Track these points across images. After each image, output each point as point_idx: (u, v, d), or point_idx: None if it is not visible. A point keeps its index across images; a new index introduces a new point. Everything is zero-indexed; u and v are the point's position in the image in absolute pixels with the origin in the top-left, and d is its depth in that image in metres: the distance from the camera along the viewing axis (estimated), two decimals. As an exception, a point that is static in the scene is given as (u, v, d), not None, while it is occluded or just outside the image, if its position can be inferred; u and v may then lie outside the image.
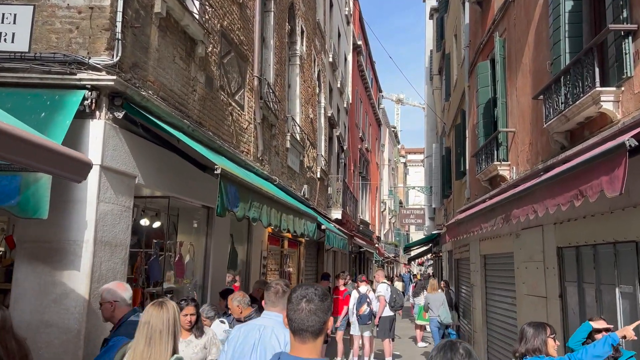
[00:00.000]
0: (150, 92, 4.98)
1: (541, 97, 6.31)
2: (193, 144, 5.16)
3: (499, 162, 8.25)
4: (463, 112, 12.38)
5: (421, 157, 45.17)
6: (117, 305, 3.49)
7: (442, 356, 1.85)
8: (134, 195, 5.27)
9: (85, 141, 4.25)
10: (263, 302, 3.51)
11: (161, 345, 2.82)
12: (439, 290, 12.42)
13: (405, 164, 59.32)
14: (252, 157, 8.30)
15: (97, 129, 4.29)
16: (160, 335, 2.82)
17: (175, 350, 2.90)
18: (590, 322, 4.10)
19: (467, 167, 11.55)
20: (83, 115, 4.26)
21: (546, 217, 6.34)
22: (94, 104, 4.26)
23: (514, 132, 7.98)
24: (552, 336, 3.59)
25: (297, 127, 11.65)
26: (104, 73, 4.28)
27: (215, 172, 4.23)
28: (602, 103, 4.82)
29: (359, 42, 24.54)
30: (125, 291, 3.55)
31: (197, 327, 4.46)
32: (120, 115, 4.42)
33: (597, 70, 4.89)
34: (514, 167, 7.89)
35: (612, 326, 4.30)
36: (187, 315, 4.37)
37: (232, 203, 4.50)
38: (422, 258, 32.95)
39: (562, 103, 5.68)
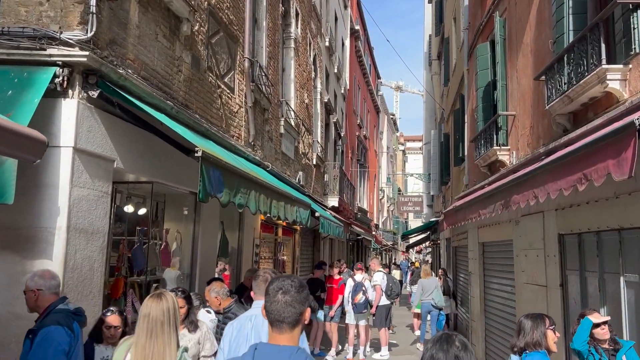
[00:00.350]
0: (130, 70, 4.70)
1: (543, 77, 6.03)
2: (175, 125, 4.89)
3: (498, 147, 7.99)
4: (462, 96, 12.09)
5: (420, 144, 44.90)
6: (40, 294, 3.25)
7: (438, 348, 1.85)
8: (113, 180, 5.03)
9: (57, 122, 3.98)
10: (252, 292, 3.52)
11: (163, 337, 2.78)
12: (433, 275, 12.71)
13: (404, 151, 59.03)
14: (244, 142, 8.03)
15: (69, 108, 4.02)
16: (161, 327, 2.78)
17: (177, 342, 2.87)
18: (590, 318, 3.88)
19: (466, 153, 11.29)
20: (54, 94, 3.99)
21: (547, 203, 6.10)
22: (65, 82, 3.98)
23: (514, 115, 7.71)
24: (551, 328, 3.36)
25: (292, 112, 11.36)
26: (76, 49, 4.00)
27: (195, 154, 3.97)
28: (608, 82, 4.55)
29: (357, 27, 24.13)
30: (50, 279, 3.33)
31: (190, 321, 4.13)
32: (94, 94, 4.14)
33: (603, 47, 4.60)
34: (514, 152, 7.63)
35: (609, 318, 4.09)
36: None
37: (215, 188, 4.24)
38: (421, 245, 32.79)
39: (565, 83, 5.41)
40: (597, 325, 3.84)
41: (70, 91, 4.04)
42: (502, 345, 8.48)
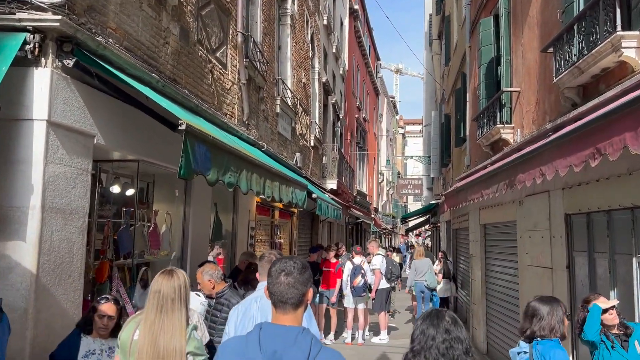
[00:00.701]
0: (111, 40, 4.38)
1: (551, 49, 5.71)
2: (161, 99, 4.59)
3: (502, 125, 7.69)
4: (463, 75, 11.74)
5: (420, 128, 44.51)
6: None
7: (428, 323, 1.86)
8: (97, 159, 4.75)
9: (29, 93, 3.68)
10: (257, 274, 3.55)
11: (174, 314, 2.76)
12: (426, 257, 13.00)
13: (403, 135, 58.60)
14: (237, 121, 7.72)
15: (42, 78, 3.72)
16: (172, 304, 2.77)
17: (187, 319, 2.85)
18: (597, 303, 3.61)
19: (468, 133, 10.98)
20: (26, 62, 3.68)
21: (553, 182, 5.83)
22: (37, 50, 3.67)
23: (518, 91, 7.40)
24: (566, 314, 3.10)
25: (288, 92, 11.02)
26: (49, 13, 3.68)
27: (179, 127, 3.67)
28: (623, 50, 4.24)
29: (356, 7, 23.61)
30: None
31: None
32: (70, 63, 3.83)
33: (618, 12, 4.29)
34: (518, 130, 7.34)
35: (618, 302, 3.84)
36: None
37: (201, 165, 3.96)
38: (420, 229, 32.60)
39: (574, 55, 5.10)
40: (605, 311, 3.57)
41: (43, 60, 3.74)
42: (504, 328, 8.27)
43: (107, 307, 3.52)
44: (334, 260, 10.26)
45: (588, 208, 5.11)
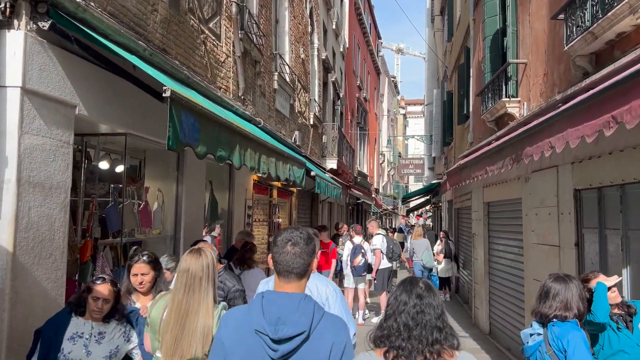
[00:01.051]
0: (93, 3, 4.08)
1: (561, 16, 5.40)
2: (148, 68, 4.31)
3: (507, 99, 7.40)
4: (467, 49, 11.39)
5: (421, 108, 44.06)
6: None
7: (402, 289, 1.88)
8: (83, 133, 4.51)
9: (1, 57, 3.41)
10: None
11: (201, 293, 2.75)
12: (425, 237, 13.39)
13: (405, 115, 58.08)
14: (232, 96, 7.43)
15: (15, 42, 3.44)
16: (200, 283, 2.76)
17: (215, 298, 2.83)
18: (603, 282, 3.34)
19: (471, 109, 10.67)
20: (-4, 24, 3.40)
21: (562, 156, 5.57)
22: (8, 10, 3.39)
23: (525, 63, 7.09)
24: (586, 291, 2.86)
25: (286, 67, 10.69)
26: (20, -30, 3.39)
27: (163, 94, 3.40)
28: (641, 11, 3.94)
29: (356, -18, 23.07)
30: None
31: (158, 291, 3.52)
32: (45, 25, 3.55)
33: (637, -30, 3.98)
34: (525, 103, 7.05)
35: (621, 278, 3.59)
36: (136, 275, 3.55)
37: (189, 136, 3.70)
38: (421, 209, 32.42)
39: (587, 20, 4.80)
40: (607, 289, 3.31)
41: (15, 21, 3.45)
42: (507, 308, 8.10)
43: (102, 289, 3.17)
44: (327, 241, 9.99)
45: (600, 182, 4.86)
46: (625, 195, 4.51)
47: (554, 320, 2.78)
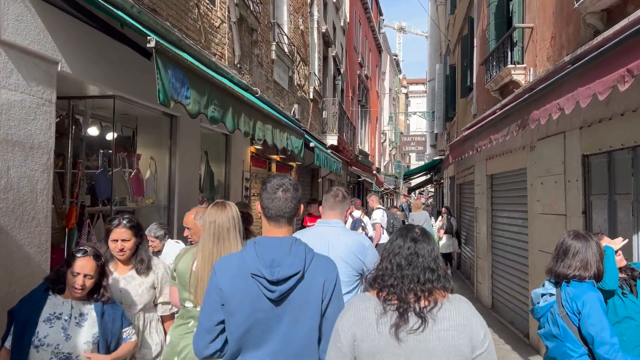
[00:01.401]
0: (74, -46, 3.84)
1: (571, -28, 5.12)
2: (134, 23, 4.07)
3: (512, 66, 7.15)
4: (470, 19, 11.08)
5: (423, 88, 43.60)
6: None
7: (398, 234, 1.91)
8: (65, 94, 4.29)
9: (-27, 5, 3.18)
10: (320, 208, 3.47)
11: (230, 241, 2.77)
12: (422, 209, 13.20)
13: (406, 95, 57.57)
14: (228, 63, 7.18)
15: (-12, -11, 3.21)
16: (228, 233, 2.78)
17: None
18: (610, 246, 3.12)
19: (474, 81, 10.41)
20: (-33, -31, 3.17)
21: (570, 121, 5.36)
22: (-20, -46, 3.15)
23: (532, 27, 6.82)
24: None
25: (285, 37, 10.40)
26: None
27: (148, 45, 3.18)
28: (660, -42, 3.69)
29: (357, -45, 22.54)
30: None
31: (139, 260, 3.25)
32: (21, -28, 3.31)
33: None
34: (531, 69, 6.80)
35: (627, 240, 3.39)
36: (116, 241, 3.18)
37: (178, 91, 3.49)
38: (423, 188, 32.22)
39: (600, -26, 4.54)
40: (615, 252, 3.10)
41: (-12, -33, 3.22)
42: (510, 281, 7.96)
43: (83, 264, 2.71)
44: (317, 214, 9.78)
45: (610, 146, 4.65)
46: (637, 158, 4.30)
47: (570, 279, 2.57)
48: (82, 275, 2.71)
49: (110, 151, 4.94)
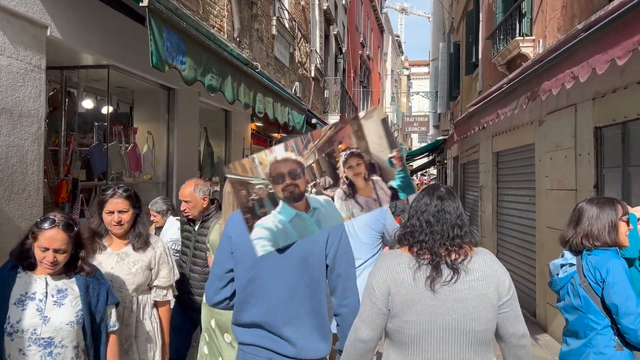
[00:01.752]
0: None
1: None
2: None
3: (521, 38, 6.92)
4: (476, -6, 10.79)
5: (425, 70, 43.16)
6: None
7: (424, 193, 1.94)
8: (57, 63, 4.11)
9: (-47, -39, 2.99)
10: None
11: None
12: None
13: (408, 76, 57.05)
14: (227, 36, 6.96)
15: (-31, -56, 3.02)
16: None
17: None
18: (632, 212, 2.91)
19: (480, 57, 10.17)
20: None
21: (581, 93, 5.17)
22: None
23: (541, -3, 6.58)
24: (625, 218, 2.48)
25: (286, 13, 10.15)
26: None
27: (141, 3, 2.99)
28: None
29: None
30: None
31: (136, 234, 2.84)
32: None
33: None
34: (540, 41, 6.57)
35: None
36: (112, 212, 2.75)
37: (173, 55, 3.31)
38: (425, 170, 32.00)
39: None
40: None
41: None
42: (517, 260, 7.82)
43: (51, 236, 2.22)
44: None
45: (625, 116, 4.46)
46: (655, 128, 4.13)
47: (590, 247, 2.41)
48: (52, 250, 2.22)
49: (106, 124, 4.77)
